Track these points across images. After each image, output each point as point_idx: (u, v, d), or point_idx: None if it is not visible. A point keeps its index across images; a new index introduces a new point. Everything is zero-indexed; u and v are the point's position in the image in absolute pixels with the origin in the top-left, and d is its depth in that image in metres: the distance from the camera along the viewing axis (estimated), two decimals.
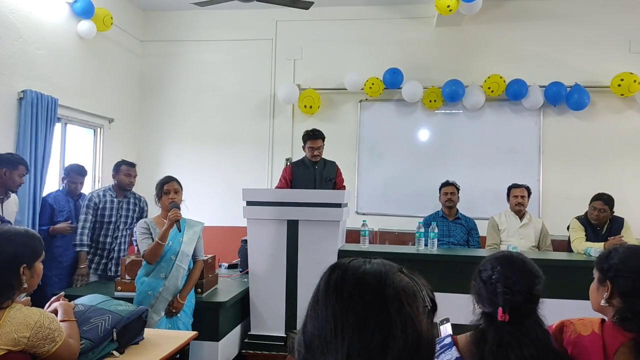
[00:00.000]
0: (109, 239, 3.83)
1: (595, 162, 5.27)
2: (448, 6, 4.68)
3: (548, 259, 3.62)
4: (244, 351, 3.63)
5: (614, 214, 3.97)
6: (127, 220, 3.91)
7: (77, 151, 5.04)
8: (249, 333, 3.69)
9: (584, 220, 4.01)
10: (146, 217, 3.96)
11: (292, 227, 3.64)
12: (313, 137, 4.13)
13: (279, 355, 3.51)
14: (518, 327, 1.38)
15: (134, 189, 4.00)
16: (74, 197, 3.96)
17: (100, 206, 3.79)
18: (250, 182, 5.57)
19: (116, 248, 3.87)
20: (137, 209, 3.98)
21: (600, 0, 5.31)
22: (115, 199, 3.86)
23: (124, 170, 3.88)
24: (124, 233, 3.92)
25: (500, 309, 1.39)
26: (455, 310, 1.53)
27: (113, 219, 3.83)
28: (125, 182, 3.87)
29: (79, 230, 3.72)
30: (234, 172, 5.77)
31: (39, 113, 4.14)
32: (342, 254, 3.60)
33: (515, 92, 5.18)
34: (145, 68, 6.04)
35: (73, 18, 4.76)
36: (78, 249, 3.71)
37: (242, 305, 3.70)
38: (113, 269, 3.84)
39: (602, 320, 1.51)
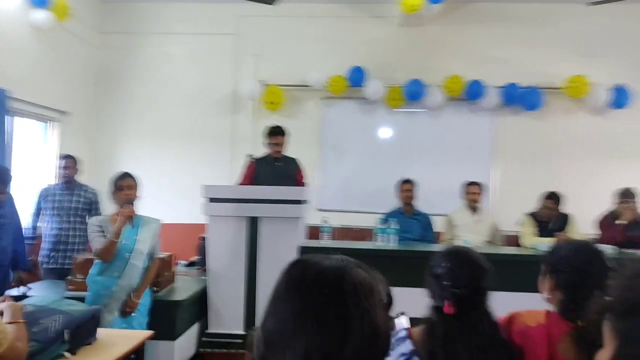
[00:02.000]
0: (55, 232, 3.91)
1: (547, 161, 5.49)
2: (416, 5, 4.67)
3: (499, 254, 3.76)
4: (201, 350, 3.59)
5: (561, 211, 4.17)
6: (69, 212, 3.93)
7: (27, 146, 4.82)
8: (206, 331, 3.65)
9: (534, 216, 4.19)
10: (98, 208, 4.03)
11: (253, 223, 3.62)
12: (274, 133, 4.15)
13: (237, 354, 3.49)
14: (464, 320, 1.44)
15: (86, 182, 4.16)
16: None
17: (49, 199, 3.94)
18: (210, 178, 5.42)
19: (62, 240, 3.90)
20: (81, 200, 3.97)
21: (554, 6, 5.52)
22: (61, 191, 3.98)
23: (58, 164, 4.08)
24: (74, 226, 3.92)
25: (446, 302, 1.44)
26: (412, 303, 1.56)
27: (57, 212, 3.91)
28: (61, 175, 4.00)
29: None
30: (193, 169, 5.67)
31: None
32: (303, 250, 3.61)
33: (473, 92, 5.33)
34: (103, 60, 5.84)
35: (27, 6, 4.53)
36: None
37: (199, 303, 3.65)
38: (60, 260, 3.88)
39: (548, 312, 1.59)
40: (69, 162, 4.01)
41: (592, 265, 1.50)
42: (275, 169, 4.15)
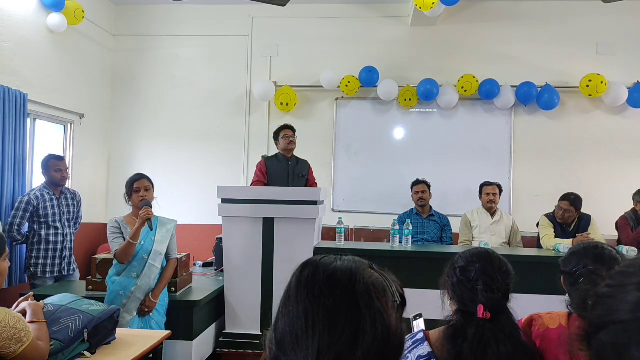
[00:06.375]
0: (59, 238, 3.81)
1: (564, 161, 5.42)
2: (433, 3, 4.64)
3: (518, 255, 3.70)
4: (218, 350, 3.61)
5: (581, 212, 4.08)
6: (69, 217, 3.90)
7: (47, 147, 4.90)
8: (224, 332, 3.67)
9: (552, 217, 4.11)
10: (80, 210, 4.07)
11: (268, 224, 3.63)
12: (286, 127, 4.20)
13: (254, 354, 3.50)
14: (496, 324, 1.40)
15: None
16: None
17: (41, 206, 3.72)
18: (225, 179, 5.53)
19: (68, 246, 3.88)
20: (75, 203, 3.97)
21: (569, 3, 5.45)
22: (53, 197, 3.80)
23: (54, 166, 3.79)
24: (71, 230, 3.92)
25: (480, 307, 1.39)
26: (429, 305, 1.55)
27: (57, 217, 3.79)
28: (58, 178, 3.80)
29: (15, 228, 3.67)
30: (209, 170, 5.72)
31: (7, 108, 4.02)
32: (318, 251, 3.61)
33: (487, 91, 5.28)
34: (118, 63, 5.92)
35: (42, 10, 4.62)
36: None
37: (217, 303, 3.67)
38: (66, 267, 3.86)
39: (569, 314, 1.56)
40: (65, 164, 3.87)
41: (609, 267, 1.47)
42: (287, 167, 4.16)
